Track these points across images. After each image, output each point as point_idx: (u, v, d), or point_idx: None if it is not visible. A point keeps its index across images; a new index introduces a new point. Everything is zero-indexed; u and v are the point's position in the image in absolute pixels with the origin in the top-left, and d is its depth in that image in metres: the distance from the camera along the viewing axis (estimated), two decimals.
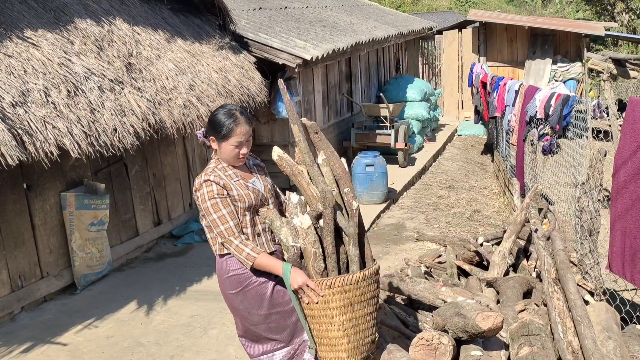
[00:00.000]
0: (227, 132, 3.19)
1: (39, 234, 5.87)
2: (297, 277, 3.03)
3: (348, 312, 3.01)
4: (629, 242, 3.94)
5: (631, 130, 3.99)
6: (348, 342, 3.02)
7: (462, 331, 3.13)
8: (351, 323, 3.02)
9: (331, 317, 3.01)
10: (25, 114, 4.66)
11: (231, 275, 3.26)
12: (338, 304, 2.99)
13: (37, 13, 5.59)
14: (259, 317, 3.29)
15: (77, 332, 5.46)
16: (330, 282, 2.98)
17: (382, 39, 11.58)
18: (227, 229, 3.11)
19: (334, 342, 3.03)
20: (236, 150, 3.23)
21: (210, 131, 3.27)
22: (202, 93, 6.70)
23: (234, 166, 3.31)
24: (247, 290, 3.25)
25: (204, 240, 7.61)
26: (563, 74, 14.39)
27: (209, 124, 3.29)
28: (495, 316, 3.03)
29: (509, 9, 42.78)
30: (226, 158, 3.27)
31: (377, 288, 3.15)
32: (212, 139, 3.25)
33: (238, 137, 3.21)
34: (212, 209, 3.13)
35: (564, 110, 6.12)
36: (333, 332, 3.02)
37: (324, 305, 3.00)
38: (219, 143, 3.23)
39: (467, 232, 7.59)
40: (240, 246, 3.10)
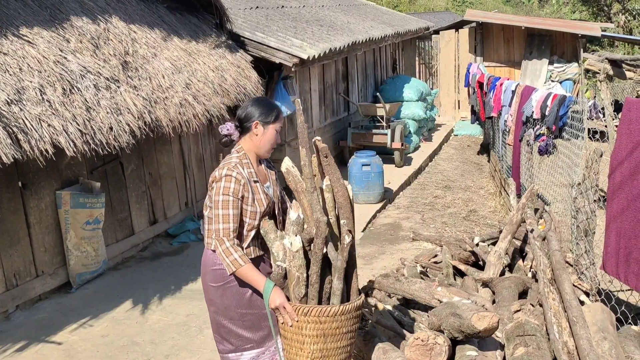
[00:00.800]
0: (277, 115, 3.26)
1: (34, 233, 5.85)
2: (276, 297, 3.00)
3: (319, 343, 2.97)
4: (623, 242, 3.94)
5: (627, 131, 3.99)
6: None
7: (457, 331, 3.13)
8: (321, 353, 2.99)
9: (302, 343, 2.98)
10: (20, 112, 4.64)
11: (217, 268, 3.25)
12: (311, 333, 2.96)
13: (32, 11, 5.57)
14: (236, 313, 3.28)
15: (72, 331, 5.44)
16: (307, 309, 2.94)
17: (378, 39, 11.58)
18: (224, 229, 3.10)
19: None
20: (277, 136, 3.30)
21: (257, 116, 3.23)
22: (199, 92, 6.69)
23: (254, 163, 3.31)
24: (229, 286, 3.24)
25: (199, 239, 7.60)
26: (559, 74, 14.41)
27: (255, 109, 3.25)
28: (491, 316, 3.03)
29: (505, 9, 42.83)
30: (264, 145, 3.27)
31: (356, 323, 3.09)
32: (256, 124, 3.22)
33: (280, 123, 3.30)
34: (222, 204, 3.10)
35: (560, 110, 6.12)
36: (302, 358, 3.00)
37: (297, 330, 2.97)
38: (266, 127, 3.23)
39: (463, 232, 7.58)
40: (230, 249, 3.07)
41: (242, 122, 3.29)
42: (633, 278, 3.93)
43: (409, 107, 12.46)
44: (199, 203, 8.30)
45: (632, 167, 3.93)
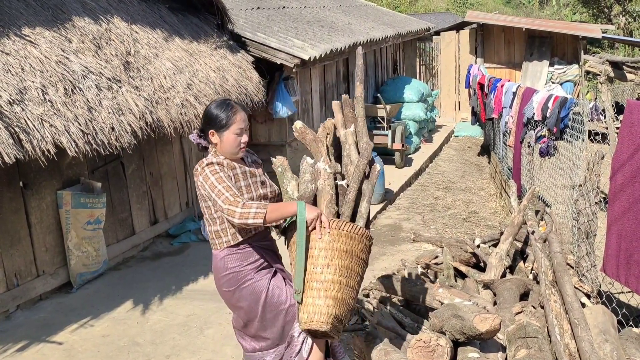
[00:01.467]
0: (227, 121, 3.21)
1: (35, 232, 5.85)
2: (312, 209, 3.03)
3: (347, 260, 3.03)
4: (624, 245, 3.95)
5: (629, 133, 4.00)
6: (338, 290, 3.00)
7: (459, 333, 3.14)
8: (347, 272, 3.03)
9: (331, 258, 3.00)
10: (22, 112, 4.64)
11: (228, 273, 3.26)
12: (342, 247, 3.02)
13: (35, 11, 5.57)
14: (255, 314, 3.30)
15: (73, 331, 5.44)
16: (342, 224, 3.03)
17: (379, 40, 11.59)
18: (229, 195, 3.04)
19: (325, 287, 2.99)
20: (238, 138, 3.24)
21: (209, 125, 3.26)
22: (200, 92, 6.69)
23: (234, 160, 3.31)
24: (244, 287, 3.26)
25: (200, 239, 7.60)
26: (560, 76, 14.42)
27: (206, 118, 3.28)
28: (493, 318, 3.03)
29: (506, 11, 42.84)
30: (228, 150, 3.25)
31: (368, 255, 3.22)
32: (212, 133, 3.24)
33: (239, 124, 3.23)
34: (217, 181, 3.09)
35: (562, 112, 6.13)
36: (327, 275, 3.00)
37: (328, 244, 3.00)
38: (220, 134, 3.22)
39: (463, 233, 7.59)
40: (245, 206, 3.01)
41: (202, 131, 3.32)
42: (634, 280, 3.93)
43: (410, 108, 12.47)
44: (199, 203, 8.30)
45: (633, 170, 3.94)
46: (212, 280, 6.37)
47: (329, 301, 2.97)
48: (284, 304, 3.31)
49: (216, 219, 3.25)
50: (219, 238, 3.28)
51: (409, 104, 12.56)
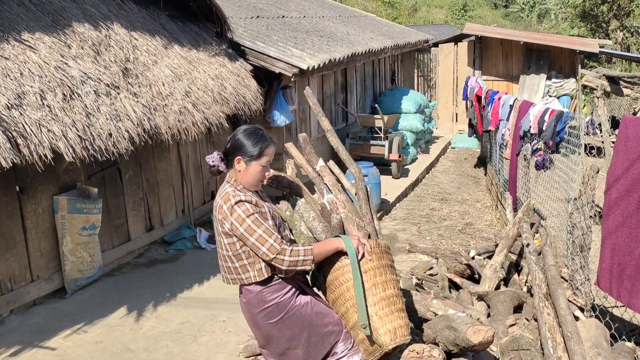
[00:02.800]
0: (260, 152, 3.12)
1: (30, 237, 5.84)
2: (354, 238, 3.15)
3: (393, 274, 3.26)
4: (617, 258, 3.96)
5: (624, 148, 4.02)
6: (401, 302, 3.19)
7: (452, 344, 3.14)
8: (395, 283, 3.24)
9: (386, 274, 3.18)
10: (20, 117, 4.65)
11: (270, 305, 3.17)
12: (387, 263, 3.24)
13: (35, 16, 5.59)
14: (299, 341, 3.23)
15: (66, 336, 5.43)
16: (377, 242, 3.24)
17: (378, 50, 11.63)
18: (275, 239, 3.00)
19: (393, 301, 3.14)
20: (263, 171, 3.18)
21: (238, 151, 3.13)
22: (198, 100, 6.71)
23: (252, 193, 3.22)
24: (289, 316, 3.20)
25: (195, 247, 7.60)
26: (557, 89, 14.48)
27: (238, 144, 3.14)
28: (486, 330, 3.04)
29: (504, 24, 43.03)
30: (249, 180, 3.17)
31: None
32: (239, 160, 3.12)
33: (268, 157, 3.17)
34: (254, 224, 3.01)
35: (558, 126, 6.16)
36: (390, 290, 3.16)
37: (378, 263, 3.17)
38: (248, 163, 3.13)
39: (459, 244, 7.60)
40: (293, 254, 3.01)
41: (227, 155, 3.20)
42: (625, 294, 3.94)
43: (407, 119, 12.50)
44: (195, 210, 8.31)
45: (628, 184, 3.96)
46: (206, 288, 6.42)
47: (401, 313, 3.14)
48: (327, 327, 3.27)
49: (241, 254, 3.14)
50: (245, 272, 3.17)
51: (406, 114, 12.60)
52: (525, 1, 51.27)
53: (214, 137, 8.46)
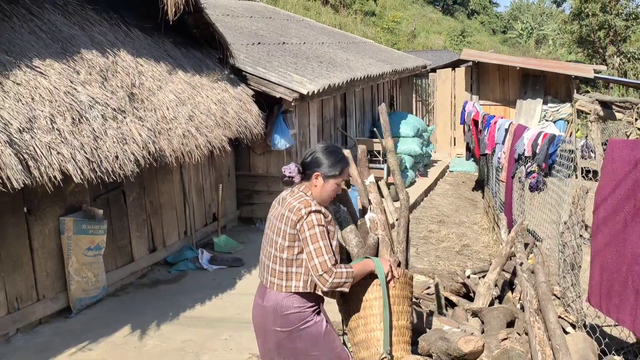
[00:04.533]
0: (342, 171, 3.29)
1: (37, 257, 5.99)
2: (385, 262, 3.27)
3: (407, 305, 3.38)
4: (606, 276, 4.11)
5: (610, 169, 4.19)
6: (409, 336, 3.34)
7: (445, 354, 3.29)
8: (410, 317, 3.38)
9: (403, 305, 3.32)
10: (31, 140, 4.83)
11: (293, 312, 3.24)
12: (407, 294, 3.35)
13: (45, 43, 5.81)
14: (306, 355, 3.30)
15: (71, 354, 5.55)
16: (404, 273, 3.36)
17: (377, 76, 11.87)
18: (330, 258, 3.10)
19: (402, 332, 3.30)
20: (337, 189, 3.31)
21: (319, 167, 3.26)
22: (201, 124, 6.90)
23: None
24: (306, 327, 3.27)
25: (197, 267, 7.74)
26: (553, 114, 14.70)
27: (320, 160, 3.27)
28: (477, 340, 3.19)
29: (502, 49, 43.54)
30: (322, 196, 3.28)
31: None
32: (317, 175, 3.25)
33: (344, 177, 3.33)
34: (320, 235, 3.12)
35: (550, 148, 6.35)
36: (402, 321, 3.32)
37: (400, 292, 3.29)
38: (326, 180, 3.25)
39: (456, 265, 7.74)
40: (338, 272, 3.11)
41: (305, 168, 3.31)
42: (614, 310, 4.08)
43: (406, 142, 12.70)
44: (197, 232, 8.46)
45: (614, 204, 4.12)
46: (208, 308, 6.55)
47: (407, 346, 3.29)
48: (338, 349, 3.36)
49: (294, 261, 3.22)
50: (289, 280, 3.25)
51: (404, 138, 12.80)
52: (523, 27, 51.93)
53: (216, 161, 8.65)
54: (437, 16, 45.62)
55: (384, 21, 34.05)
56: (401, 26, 35.00)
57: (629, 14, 29.09)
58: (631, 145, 4.08)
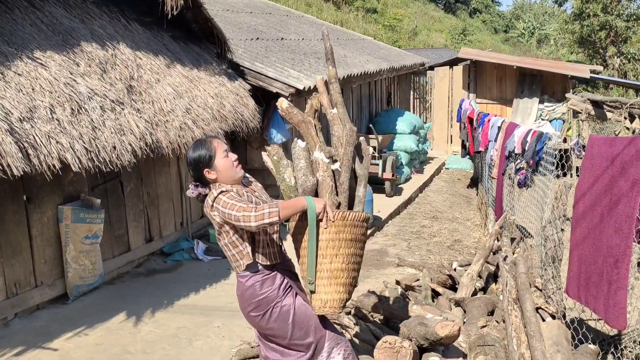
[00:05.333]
0: (210, 151, 3.36)
1: (36, 245, 6.14)
2: (319, 202, 3.22)
3: (352, 247, 3.26)
4: (584, 268, 4.27)
5: (590, 165, 4.34)
6: (346, 277, 3.26)
7: (423, 338, 3.44)
8: (352, 257, 3.27)
9: (339, 248, 3.22)
10: (31, 129, 4.98)
11: (258, 299, 3.40)
12: (347, 237, 3.23)
13: (46, 36, 5.95)
14: (285, 333, 3.43)
15: (68, 338, 5.71)
16: (346, 214, 3.22)
17: (373, 73, 12.01)
18: (246, 205, 3.17)
19: (335, 275, 3.24)
20: (228, 159, 3.39)
21: (198, 167, 3.37)
22: (198, 116, 7.05)
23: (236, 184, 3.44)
24: (272, 310, 3.41)
25: (192, 258, 7.90)
26: (549, 113, 14.85)
27: (194, 162, 3.38)
28: (453, 325, 3.34)
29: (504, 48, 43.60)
30: (228, 174, 3.37)
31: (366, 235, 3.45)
32: (207, 171, 3.35)
33: (221, 147, 3.40)
34: (229, 199, 3.20)
35: (537, 146, 6.49)
36: (337, 264, 3.24)
37: (335, 235, 3.21)
38: (213, 167, 3.35)
39: (446, 259, 7.89)
40: (259, 207, 3.13)
41: (197, 180, 3.42)
42: (592, 300, 4.23)
43: (402, 139, 12.85)
44: (194, 224, 8.62)
45: (593, 199, 4.27)
46: (202, 296, 6.71)
47: (339, 287, 3.25)
48: (311, 320, 3.46)
49: (234, 242, 3.37)
50: (237, 261, 3.41)
51: (401, 135, 12.95)
52: (525, 26, 52.00)
53: None
54: (438, 14, 45.71)
55: (385, 18, 34.17)
56: (402, 24, 35.12)
57: (630, 15, 29.19)
58: (609, 142, 4.23)
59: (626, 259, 3.88)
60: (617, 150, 4.10)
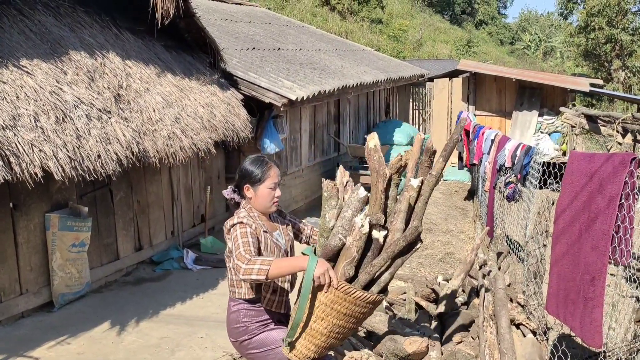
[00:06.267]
0: (262, 175, 3.38)
1: (22, 252, 6.13)
2: (322, 265, 3.04)
3: (342, 320, 3.08)
4: (563, 284, 4.23)
5: (570, 181, 4.31)
6: (324, 342, 3.11)
7: (392, 354, 3.41)
8: (338, 329, 3.10)
9: (327, 315, 3.04)
10: (14, 137, 4.98)
11: (239, 326, 3.40)
12: (342, 310, 3.04)
13: (34, 44, 5.97)
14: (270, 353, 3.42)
15: (50, 347, 5.69)
16: (351, 290, 3.01)
17: (370, 84, 12.01)
18: (246, 250, 3.14)
19: (312, 334, 3.10)
20: (272, 192, 3.41)
21: (244, 180, 3.42)
22: (187, 126, 7.05)
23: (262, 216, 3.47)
24: (252, 339, 3.41)
25: (182, 267, 7.88)
26: (549, 126, 14.79)
27: (242, 173, 3.44)
28: (421, 342, 3.31)
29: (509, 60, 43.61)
30: (262, 203, 3.41)
31: (372, 313, 3.25)
32: (247, 187, 3.39)
33: (273, 179, 3.41)
34: (240, 236, 3.21)
35: (525, 159, 6.46)
36: (318, 326, 3.08)
37: (328, 302, 3.02)
38: (255, 188, 3.38)
39: (437, 272, 7.84)
40: (252, 260, 3.07)
41: (238, 187, 3.49)
42: (569, 318, 4.19)
43: (399, 150, 12.83)
44: (185, 233, 8.60)
45: (572, 215, 4.24)
46: (188, 306, 6.69)
47: (311, 346, 3.10)
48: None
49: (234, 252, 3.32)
50: (238, 288, 3.40)
51: (397, 146, 12.93)
52: (531, 39, 52.00)
53: (205, 163, 8.80)
54: (444, 25, 45.76)
55: (390, 29, 34.24)
56: (407, 34, 35.16)
57: (635, 28, 29.20)
58: (588, 158, 4.20)
59: (602, 277, 3.84)
60: (596, 167, 4.07)
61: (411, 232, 3.12)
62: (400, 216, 3.26)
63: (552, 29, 54.58)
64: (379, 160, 3.23)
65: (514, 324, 4.48)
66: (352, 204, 3.11)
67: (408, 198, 3.24)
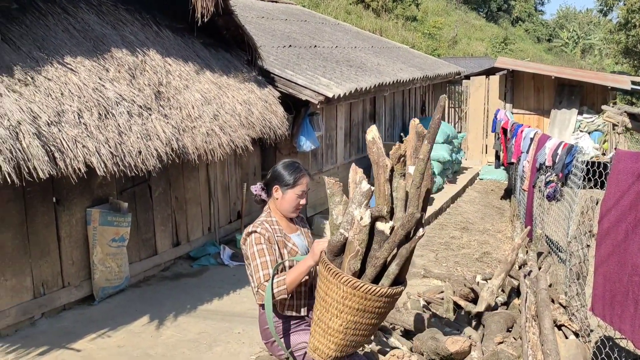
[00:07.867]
0: (294, 180, 3.48)
1: (64, 246, 6.25)
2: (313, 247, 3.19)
3: (357, 316, 3.04)
4: (609, 285, 4.15)
5: (616, 181, 4.23)
6: (342, 339, 3.09)
7: (434, 353, 3.38)
8: (354, 326, 3.07)
9: (340, 311, 3.03)
10: (58, 133, 5.07)
11: (266, 327, 3.53)
12: (353, 305, 3.01)
13: (77, 42, 6.07)
14: None
15: (91, 340, 5.78)
16: (358, 284, 2.97)
17: (406, 81, 11.94)
18: (264, 274, 3.29)
19: (329, 332, 3.09)
20: (298, 199, 3.51)
21: (275, 180, 3.52)
22: (225, 123, 7.09)
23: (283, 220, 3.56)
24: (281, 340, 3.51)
25: (219, 263, 7.94)
26: (588, 125, 14.53)
27: (275, 174, 3.55)
28: (464, 341, 3.28)
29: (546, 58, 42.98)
30: (285, 208, 3.52)
31: (392, 306, 3.19)
32: (277, 188, 3.51)
33: (302, 187, 3.51)
34: (258, 254, 3.34)
35: (567, 158, 6.35)
36: (333, 324, 3.07)
37: (339, 299, 3.02)
38: (284, 191, 3.49)
39: (474, 272, 7.77)
40: (272, 290, 3.24)
41: (267, 185, 3.60)
42: (617, 320, 4.12)
43: (435, 149, 12.70)
44: (221, 229, 8.67)
45: (618, 215, 4.15)
46: (225, 302, 6.74)
47: (331, 344, 3.10)
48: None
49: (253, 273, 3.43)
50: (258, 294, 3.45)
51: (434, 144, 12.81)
52: (569, 36, 51.16)
53: (242, 160, 8.85)
54: (480, 22, 45.26)
55: (425, 26, 34.00)
56: (442, 32, 34.87)
57: None
58: (635, 157, 4.11)
59: None
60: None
61: (408, 220, 3.00)
62: (399, 205, 3.18)
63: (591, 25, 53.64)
64: (377, 152, 3.15)
65: (556, 325, 4.41)
66: (356, 198, 3.08)
67: (404, 186, 3.16)
